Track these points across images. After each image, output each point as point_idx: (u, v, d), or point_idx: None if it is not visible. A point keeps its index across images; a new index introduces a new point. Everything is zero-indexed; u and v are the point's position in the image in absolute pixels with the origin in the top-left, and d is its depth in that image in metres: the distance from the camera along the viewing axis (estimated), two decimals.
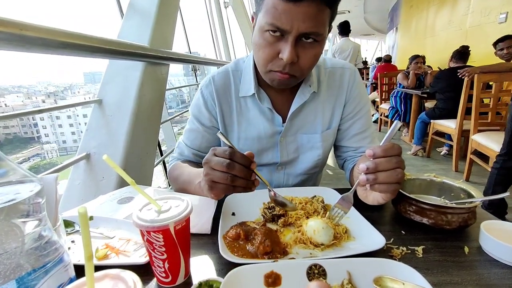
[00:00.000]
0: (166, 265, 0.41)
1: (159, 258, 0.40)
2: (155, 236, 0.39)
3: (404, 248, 0.50)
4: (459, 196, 0.60)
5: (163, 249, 0.40)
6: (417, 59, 3.91)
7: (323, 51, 0.65)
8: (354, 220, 0.57)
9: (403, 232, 0.55)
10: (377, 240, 0.48)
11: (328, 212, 0.54)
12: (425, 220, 0.54)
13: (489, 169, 2.22)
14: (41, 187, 0.28)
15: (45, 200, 0.29)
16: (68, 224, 0.59)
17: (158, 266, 0.41)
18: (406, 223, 0.58)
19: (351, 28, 4.17)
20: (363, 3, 9.57)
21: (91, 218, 0.61)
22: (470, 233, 0.54)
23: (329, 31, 0.63)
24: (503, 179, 1.87)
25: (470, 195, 0.57)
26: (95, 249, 0.50)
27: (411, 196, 0.56)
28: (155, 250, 0.40)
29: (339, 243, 0.50)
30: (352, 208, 0.60)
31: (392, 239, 0.52)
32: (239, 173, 0.48)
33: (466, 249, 0.49)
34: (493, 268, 0.45)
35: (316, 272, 0.40)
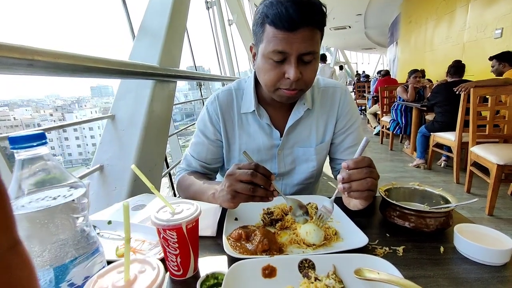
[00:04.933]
0: (179, 260, 0.48)
1: (173, 253, 0.48)
2: (170, 233, 0.46)
3: (387, 248, 0.56)
4: (439, 202, 0.66)
5: (176, 245, 0.47)
6: (416, 74, 4.01)
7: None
8: (344, 224, 0.63)
9: (388, 235, 0.61)
10: (361, 239, 0.55)
11: (315, 215, 0.61)
12: (407, 224, 0.60)
13: (489, 181, 2.26)
14: (86, 190, 0.36)
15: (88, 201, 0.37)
16: None
17: (171, 260, 0.48)
18: (390, 227, 0.64)
19: (351, 42, 4.55)
20: (363, 19, 9.85)
21: (109, 222, 0.69)
22: (447, 235, 0.60)
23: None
24: None
25: (447, 201, 0.64)
26: (115, 248, 0.57)
27: (395, 202, 0.63)
28: (170, 246, 0.47)
29: (329, 243, 0.57)
30: (342, 213, 0.67)
31: (377, 241, 0.59)
32: (260, 181, 0.57)
33: (442, 249, 0.55)
34: (464, 264, 0.51)
35: (306, 265, 0.47)
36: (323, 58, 7.29)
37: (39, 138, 0.32)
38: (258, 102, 0.83)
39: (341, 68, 10.56)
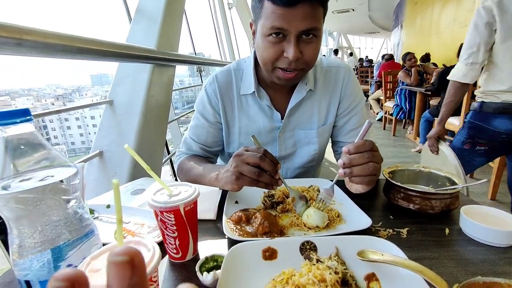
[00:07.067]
0: (177, 242, 0.47)
1: (171, 236, 0.47)
2: (167, 216, 0.45)
3: (390, 230, 0.55)
4: (445, 184, 0.65)
5: (174, 227, 0.46)
6: (410, 55, 3.97)
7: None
8: (346, 206, 0.62)
9: (392, 217, 0.60)
10: (364, 221, 0.53)
11: (316, 200, 0.60)
12: (411, 206, 0.59)
13: (492, 166, 2.24)
14: (77, 170, 0.34)
15: (80, 182, 0.35)
16: (89, 211, 0.65)
17: (170, 243, 0.47)
18: (394, 209, 0.63)
19: (355, 26, 4.58)
20: (367, 1, 9.53)
21: (108, 206, 0.68)
22: (452, 217, 0.59)
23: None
24: None
25: (453, 183, 0.62)
26: (113, 231, 0.57)
27: (400, 184, 0.61)
28: (168, 229, 0.46)
29: (332, 226, 0.56)
30: (345, 195, 0.65)
31: (381, 223, 0.57)
32: (268, 167, 0.55)
33: (447, 230, 0.54)
34: (469, 245, 0.50)
35: (308, 247, 0.45)
36: (335, 52, 9.33)
37: (23, 114, 0.30)
38: (258, 83, 0.80)
39: (351, 54, 12.80)
